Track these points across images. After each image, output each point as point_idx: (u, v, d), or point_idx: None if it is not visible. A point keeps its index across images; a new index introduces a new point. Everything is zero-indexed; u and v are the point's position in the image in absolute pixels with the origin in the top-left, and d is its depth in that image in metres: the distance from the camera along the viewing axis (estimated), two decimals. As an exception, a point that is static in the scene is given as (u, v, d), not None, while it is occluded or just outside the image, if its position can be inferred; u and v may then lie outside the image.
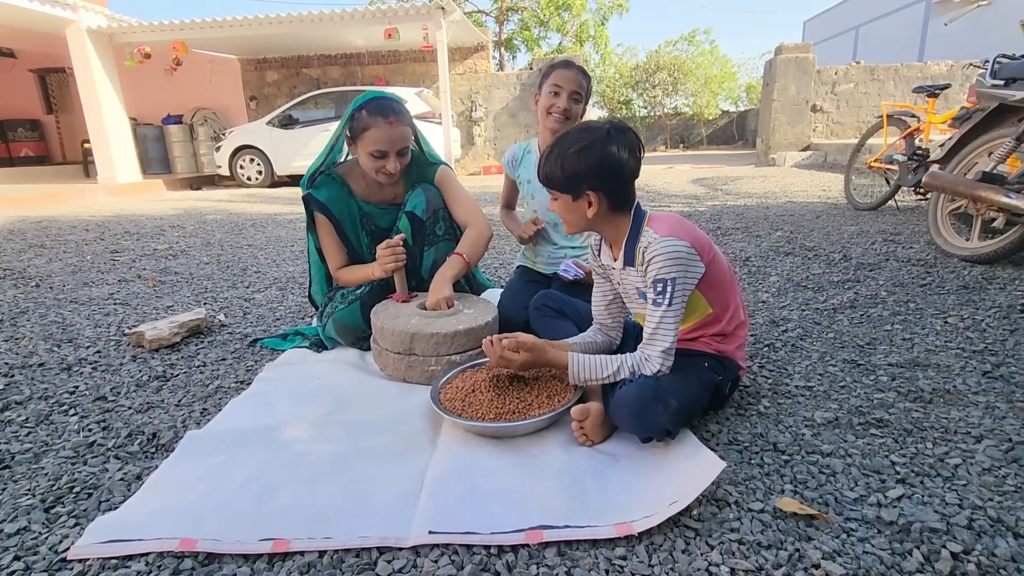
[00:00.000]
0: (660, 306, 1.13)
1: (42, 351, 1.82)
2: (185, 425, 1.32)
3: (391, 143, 1.63)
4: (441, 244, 1.78)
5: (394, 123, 1.62)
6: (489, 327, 1.55)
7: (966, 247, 2.52)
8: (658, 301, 1.13)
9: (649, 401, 1.09)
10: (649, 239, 1.16)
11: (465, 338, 1.49)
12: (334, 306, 1.75)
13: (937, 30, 13.65)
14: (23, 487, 1.08)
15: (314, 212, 1.75)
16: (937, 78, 9.06)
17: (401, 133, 1.65)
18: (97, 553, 0.88)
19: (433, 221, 1.77)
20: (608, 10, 17.53)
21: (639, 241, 1.19)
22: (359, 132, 1.63)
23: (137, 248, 3.63)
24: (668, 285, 1.12)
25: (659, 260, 1.12)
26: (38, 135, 11.47)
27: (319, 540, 0.90)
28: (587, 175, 1.14)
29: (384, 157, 1.64)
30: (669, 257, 1.12)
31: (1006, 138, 2.39)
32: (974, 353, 1.56)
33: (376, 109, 1.62)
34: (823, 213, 4.07)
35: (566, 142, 1.16)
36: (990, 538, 0.86)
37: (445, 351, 1.48)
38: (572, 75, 1.78)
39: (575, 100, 1.79)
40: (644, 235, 1.18)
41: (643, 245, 1.17)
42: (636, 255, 1.19)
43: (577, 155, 1.14)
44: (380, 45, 9.93)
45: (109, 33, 8.22)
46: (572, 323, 1.48)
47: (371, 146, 1.62)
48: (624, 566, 0.84)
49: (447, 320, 1.53)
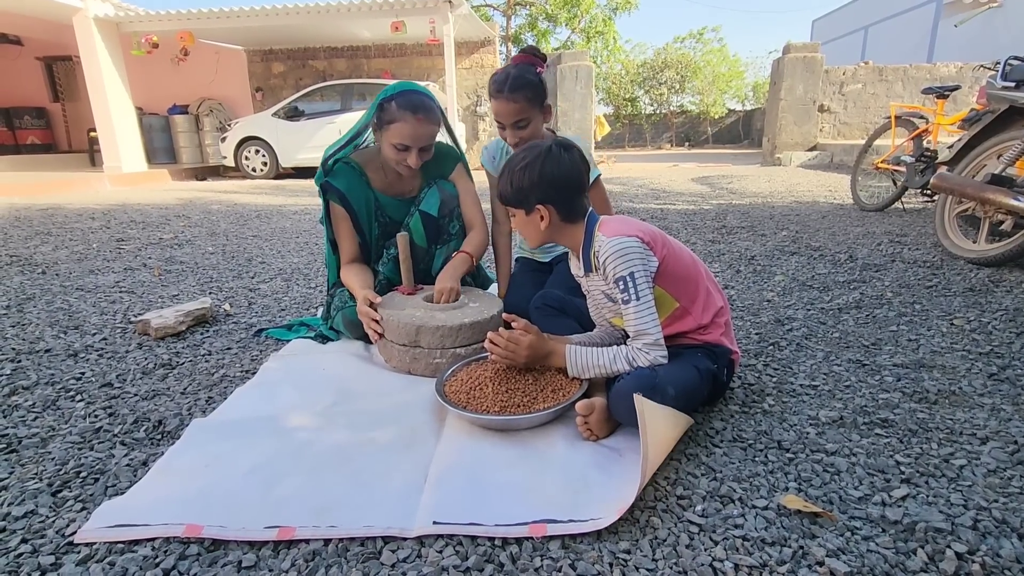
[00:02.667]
0: (629, 303, 1.16)
1: (48, 337, 1.82)
2: (191, 413, 1.32)
3: (416, 139, 1.60)
4: (453, 242, 1.80)
5: (422, 120, 1.58)
6: (495, 320, 1.55)
7: (973, 249, 2.51)
8: (625, 298, 1.17)
9: (647, 392, 1.10)
10: (600, 243, 1.21)
11: (471, 331, 1.49)
12: (342, 299, 1.74)
13: (947, 31, 13.55)
14: (30, 471, 1.09)
15: (330, 201, 1.71)
16: (946, 79, 9.00)
17: (428, 131, 1.61)
18: (103, 537, 0.89)
19: (448, 220, 1.78)
20: (619, 5, 17.42)
21: (592, 247, 1.24)
22: (385, 123, 1.60)
23: (143, 237, 3.64)
24: (628, 281, 1.16)
25: (612, 260, 1.17)
26: (44, 123, 11.47)
27: (324, 528, 0.90)
28: (533, 189, 1.22)
29: (407, 151, 1.62)
30: (620, 255, 1.16)
31: (1016, 140, 2.37)
32: (980, 355, 1.55)
33: (406, 103, 1.58)
34: (829, 213, 4.05)
35: (513, 161, 1.25)
36: (995, 539, 0.86)
37: (450, 344, 1.48)
38: (504, 106, 1.59)
39: (519, 127, 1.62)
40: (596, 240, 1.23)
41: (596, 249, 1.22)
42: (592, 260, 1.25)
43: (523, 172, 1.22)
44: (387, 38, 9.89)
45: (116, 22, 8.22)
46: (573, 320, 1.49)
47: (395, 139, 1.59)
48: (628, 560, 0.84)
49: (452, 313, 1.53)
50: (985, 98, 2.78)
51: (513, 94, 1.57)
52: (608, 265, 1.17)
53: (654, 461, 0.98)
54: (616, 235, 1.18)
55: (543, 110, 1.65)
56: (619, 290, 1.17)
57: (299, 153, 8.48)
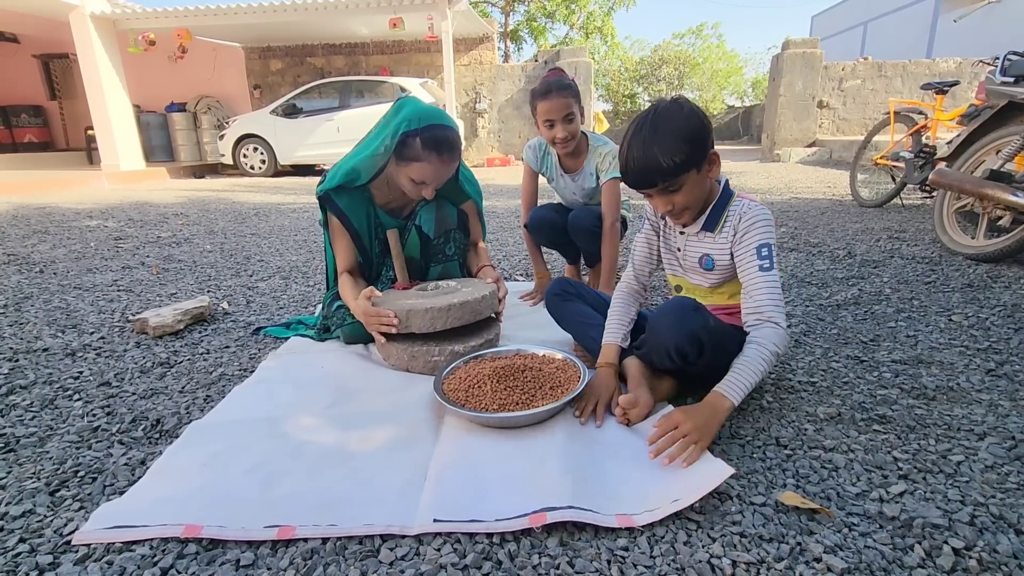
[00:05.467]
0: (770, 270, 1.17)
1: (46, 336, 1.82)
2: (189, 412, 1.32)
3: (438, 179, 1.55)
4: (450, 264, 1.79)
5: (447, 161, 1.52)
6: (486, 300, 1.55)
7: (971, 245, 2.51)
8: (765, 265, 1.17)
9: (689, 311, 1.13)
10: (745, 205, 1.21)
11: (460, 311, 1.49)
12: (342, 316, 1.68)
13: (946, 27, 13.52)
14: (28, 470, 1.08)
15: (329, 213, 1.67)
16: (945, 75, 9.00)
17: (450, 170, 1.57)
18: (102, 539, 0.89)
19: (443, 241, 1.75)
20: (617, 1, 17.37)
21: (727, 208, 1.23)
22: (407, 158, 1.52)
23: (140, 235, 3.63)
24: (771, 249, 1.17)
25: (759, 225, 1.17)
26: (41, 121, 11.44)
27: (324, 527, 0.90)
28: (705, 134, 1.14)
29: (424, 185, 1.57)
30: (768, 222, 1.18)
31: (1015, 136, 2.37)
32: (978, 351, 1.55)
33: (432, 142, 1.49)
34: (828, 209, 4.05)
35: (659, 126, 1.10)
36: (992, 535, 0.86)
37: (441, 324, 1.48)
38: (555, 103, 1.84)
39: (569, 120, 1.87)
40: (736, 203, 1.23)
41: (736, 211, 1.22)
42: (720, 220, 1.23)
43: (685, 124, 1.10)
44: (385, 35, 9.86)
45: (113, 19, 8.19)
46: (590, 307, 1.51)
47: (415, 175, 1.53)
48: (626, 557, 0.84)
49: (443, 297, 1.53)
50: (984, 94, 2.78)
51: (560, 91, 1.85)
52: (753, 229, 1.18)
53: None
54: (762, 205, 1.21)
55: (579, 106, 1.91)
56: (759, 256, 1.16)
57: (297, 151, 8.46)
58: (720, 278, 1.30)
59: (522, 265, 2.75)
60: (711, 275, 1.31)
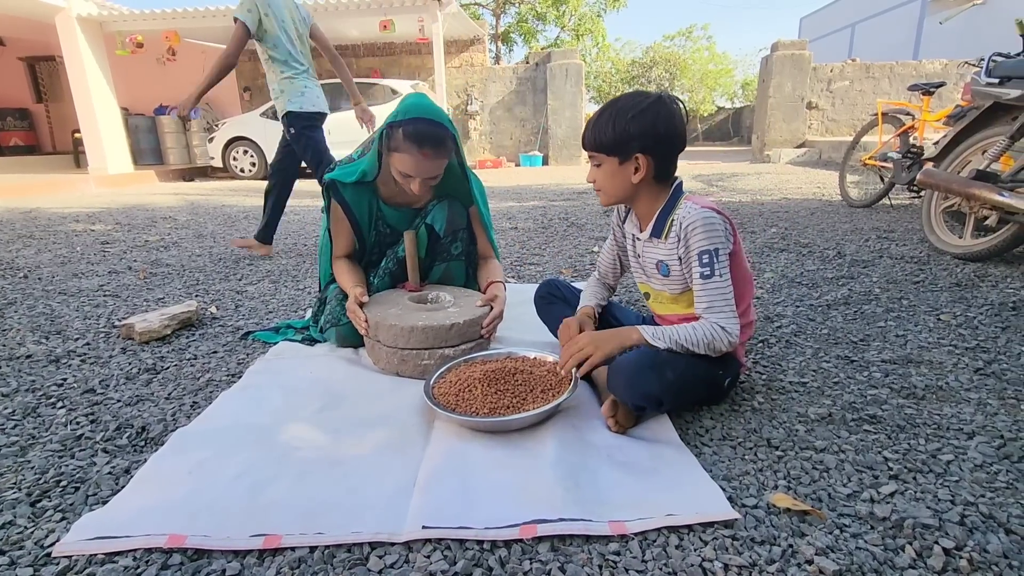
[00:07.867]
0: (711, 278, 1.14)
1: (30, 343, 1.79)
2: (175, 418, 1.30)
3: (419, 172, 1.52)
4: (453, 263, 1.78)
5: (428, 156, 1.48)
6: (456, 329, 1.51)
7: (959, 245, 2.53)
8: (706, 273, 1.14)
9: (645, 369, 1.10)
10: (687, 211, 1.17)
11: (423, 335, 1.46)
12: (335, 315, 1.67)
13: (932, 28, 13.68)
14: (8, 480, 1.06)
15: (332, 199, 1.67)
16: (932, 76, 9.10)
17: (434, 166, 1.52)
18: (83, 550, 0.87)
19: (451, 240, 1.74)
20: (608, 3, 17.42)
21: (673, 213, 1.20)
22: (390, 148, 1.52)
23: (128, 239, 3.59)
24: (712, 256, 1.14)
25: (699, 231, 1.14)
26: (28, 124, 11.31)
27: (311, 535, 0.89)
28: (640, 136, 1.14)
29: (410, 179, 1.54)
30: (709, 228, 1.14)
31: (1000, 136, 2.39)
32: (966, 350, 1.56)
33: (413, 135, 1.46)
34: (818, 210, 4.07)
35: (620, 104, 1.16)
36: (982, 534, 0.86)
37: (403, 343, 1.47)
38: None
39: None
40: (681, 207, 1.19)
41: (678, 217, 1.19)
42: (666, 226, 1.21)
43: (633, 118, 1.13)
44: (375, 37, 9.84)
45: (100, 21, 8.11)
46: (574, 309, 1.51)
47: (398, 166, 1.52)
48: (617, 562, 0.83)
49: (412, 315, 1.52)
50: (970, 94, 2.80)
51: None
52: (693, 235, 1.14)
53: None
54: (706, 208, 1.16)
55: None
56: (699, 263, 1.14)
57: (288, 153, 8.40)
58: (680, 285, 1.26)
59: (513, 268, 2.75)
60: (669, 281, 1.27)
